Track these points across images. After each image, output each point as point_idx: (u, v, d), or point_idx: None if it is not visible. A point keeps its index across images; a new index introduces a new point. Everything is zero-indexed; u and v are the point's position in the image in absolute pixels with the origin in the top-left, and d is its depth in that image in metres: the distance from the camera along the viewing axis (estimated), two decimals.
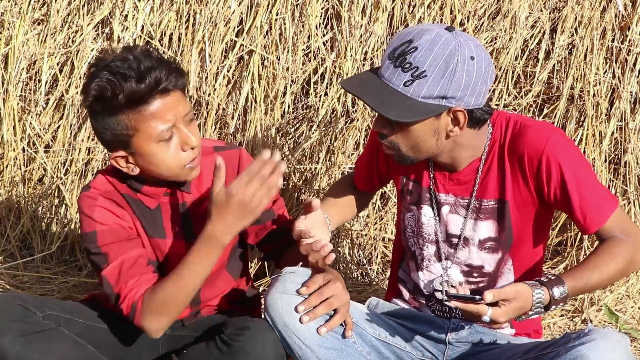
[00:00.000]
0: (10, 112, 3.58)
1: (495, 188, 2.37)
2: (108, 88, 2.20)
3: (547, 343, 2.27)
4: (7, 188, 3.65)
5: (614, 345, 2.04)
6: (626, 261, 2.28)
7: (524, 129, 2.33)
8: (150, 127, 2.25)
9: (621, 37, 3.48)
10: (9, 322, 2.25)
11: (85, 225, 2.37)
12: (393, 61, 2.21)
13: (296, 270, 2.37)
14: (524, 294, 2.15)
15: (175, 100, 2.28)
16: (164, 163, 2.30)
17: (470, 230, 2.43)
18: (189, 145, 2.30)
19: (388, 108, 2.21)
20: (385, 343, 2.45)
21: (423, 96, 2.20)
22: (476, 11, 3.52)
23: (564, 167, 2.28)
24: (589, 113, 3.44)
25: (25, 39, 3.60)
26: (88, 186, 2.41)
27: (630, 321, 3.33)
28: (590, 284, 2.26)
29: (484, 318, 2.12)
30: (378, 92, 2.23)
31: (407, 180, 2.53)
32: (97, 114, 2.28)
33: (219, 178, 2.23)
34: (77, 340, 2.34)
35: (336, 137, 3.54)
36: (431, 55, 2.17)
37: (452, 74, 2.18)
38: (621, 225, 2.32)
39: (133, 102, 2.22)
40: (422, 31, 2.21)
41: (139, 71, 2.21)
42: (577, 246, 3.50)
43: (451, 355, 2.47)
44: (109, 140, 2.30)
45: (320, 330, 2.28)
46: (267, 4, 3.48)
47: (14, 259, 3.56)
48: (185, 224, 2.45)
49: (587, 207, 2.30)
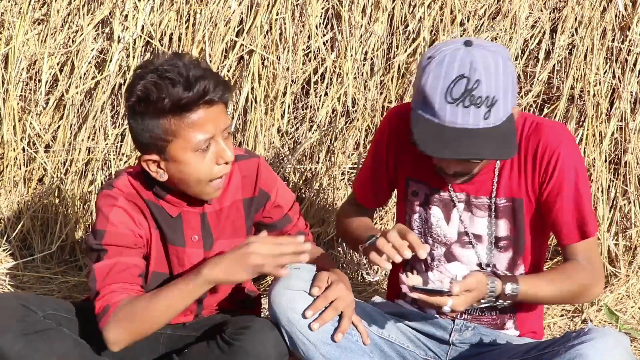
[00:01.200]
0: (10, 112, 3.57)
1: (510, 187, 2.37)
2: (154, 90, 2.19)
3: (547, 342, 2.27)
4: (7, 188, 3.65)
5: (613, 344, 2.04)
6: (580, 287, 2.34)
7: (541, 127, 2.34)
8: (189, 136, 2.23)
9: (621, 37, 3.48)
10: (9, 321, 2.25)
11: (98, 222, 2.36)
12: (457, 102, 2.13)
13: (300, 267, 2.38)
14: (481, 283, 2.22)
15: (218, 113, 2.27)
16: (196, 173, 2.28)
17: (484, 229, 2.42)
18: (224, 160, 2.29)
19: (500, 151, 2.18)
20: (389, 342, 2.45)
21: (502, 117, 2.17)
22: (476, 11, 3.52)
23: (569, 173, 2.31)
24: (589, 113, 3.44)
25: (25, 39, 3.60)
26: (111, 185, 2.39)
27: (630, 321, 3.33)
28: (540, 295, 2.32)
29: (444, 308, 2.16)
30: (472, 141, 2.15)
31: (413, 182, 2.50)
32: (137, 114, 2.26)
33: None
34: (77, 340, 2.34)
35: (336, 137, 3.54)
36: (494, 80, 2.13)
37: (513, 83, 2.19)
38: (589, 253, 2.37)
39: (178, 108, 2.20)
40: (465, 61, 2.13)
41: (187, 78, 2.20)
42: None
43: (453, 356, 2.47)
44: (144, 142, 2.28)
45: (336, 338, 2.30)
46: (267, 4, 3.48)
47: (14, 259, 3.56)
48: (205, 234, 2.45)
49: (572, 218, 2.34)
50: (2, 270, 3.49)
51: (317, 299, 2.29)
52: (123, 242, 2.34)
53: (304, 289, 2.32)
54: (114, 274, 2.30)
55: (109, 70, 3.53)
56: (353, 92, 3.50)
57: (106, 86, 3.54)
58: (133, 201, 2.38)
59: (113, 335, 2.24)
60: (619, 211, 3.49)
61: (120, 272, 2.31)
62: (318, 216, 3.59)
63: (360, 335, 2.36)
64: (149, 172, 2.32)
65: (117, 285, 2.29)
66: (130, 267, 2.33)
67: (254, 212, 2.52)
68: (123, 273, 2.31)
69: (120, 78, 3.55)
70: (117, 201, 2.36)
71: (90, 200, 3.59)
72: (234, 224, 2.49)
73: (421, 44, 3.50)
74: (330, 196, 3.57)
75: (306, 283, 2.34)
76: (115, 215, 2.34)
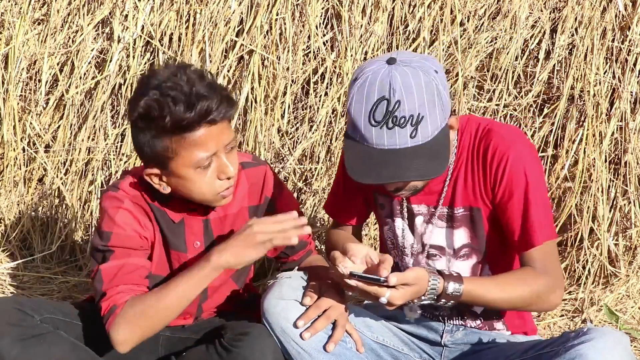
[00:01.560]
0: (10, 112, 3.58)
1: (465, 195, 2.35)
2: (156, 108, 2.17)
3: (546, 342, 2.26)
4: (7, 188, 3.65)
5: (613, 345, 2.03)
6: (532, 293, 2.25)
7: (491, 132, 2.31)
8: (190, 154, 2.22)
9: (621, 37, 3.48)
10: (6, 327, 2.25)
11: (104, 224, 2.35)
12: (380, 125, 2.12)
13: (292, 275, 2.37)
14: (422, 279, 2.15)
15: (221, 130, 2.25)
16: (198, 189, 2.28)
17: (444, 240, 2.41)
18: (226, 175, 2.28)
19: (427, 169, 2.14)
20: (384, 346, 2.45)
21: (431, 133, 2.15)
22: (476, 11, 3.51)
23: (518, 177, 2.26)
24: (589, 113, 3.44)
25: (25, 39, 3.60)
26: (116, 186, 2.38)
27: (631, 321, 3.33)
28: (488, 297, 2.23)
29: (381, 299, 2.11)
30: (398, 162, 2.13)
31: (378, 195, 2.50)
32: (139, 130, 2.24)
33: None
34: (75, 343, 2.33)
35: (336, 137, 3.54)
36: (416, 97, 2.11)
37: (439, 97, 2.15)
38: (545, 260, 2.28)
39: (178, 128, 2.18)
40: (384, 81, 2.12)
41: (189, 97, 2.17)
42: (577, 246, 3.49)
43: (449, 357, 2.47)
44: (147, 155, 2.27)
45: (328, 348, 2.28)
46: (267, 4, 3.48)
47: (14, 259, 3.56)
48: (207, 240, 2.45)
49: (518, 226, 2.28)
50: (2, 270, 3.50)
51: (309, 308, 2.28)
52: (130, 244, 2.34)
53: (297, 298, 2.30)
54: (121, 275, 2.30)
55: (109, 70, 3.53)
56: None
57: (106, 86, 3.54)
58: (138, 203, 2.38)
59: (122, 336, 2.24)
60: (619, 211, 3.49)
61: (128, 274, 2.31)
62: (318, 216, 3.59)
63: (355, 343, 2.34)
64: (151, 184, 2.31)
65: (125, 287, 2.29)
66: (138, 268, 2.33)
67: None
68: (131, 274, 2.32)
69: (120, 78, 3.55)
70: (123, 203, 2.35)
71: (90, 200, 3.59)
72: None
73: (421, 44, 3.50)
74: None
75: (298, 292, 2.32)
76: (121, 217, 2.34)
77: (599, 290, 3.46)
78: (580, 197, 3.47)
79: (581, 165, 3.43)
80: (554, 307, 2.33)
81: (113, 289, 2.28)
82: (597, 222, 3.46)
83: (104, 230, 2.34)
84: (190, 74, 2.21)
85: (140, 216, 2.37)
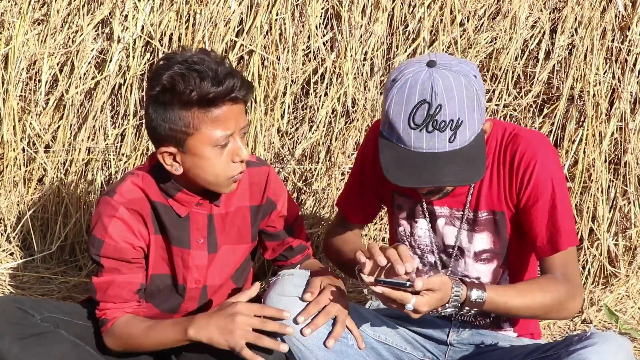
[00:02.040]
0: (10, 112, 3.57)
1: (490, 199, 2.35)
2: (181, 82, 2.18)
3: (548, 345, 2.27)
4: (7, 188, 3.65)
5: (616, 350, 2.04)
6: (554, 301, 2.23)
7: (518, 137, 2.31)
8: (211, 130, 2.23)
9: (621, 37, 3.48)
10: (7, 325, 2.26)
11: (96, 230, 2.37)
12: (420, 128, 2.10)
13: (294, 273, 2.38)
14: (446, 285, 2.14)
15: (240, 111, 2.27)
16: (212, 169, 2.28)
17: (466, 242, 2.41)
18: (240, 157, 2.29)
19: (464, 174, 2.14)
20: (385, 344, 2.45)
21: (469, 138, 2.14)
22: (476, 11, 3.51)
23: (545, 183, 2.27)
24: (589, 113, 3.44)
25: (25, 39, 3.60)
26: (113, 191, 2.38)
27: (630, 321, 3.33)
28: (510, 305, 2.21)
29: (407, 306, 2.11)
30: (435, 167, 2.12)
31: (397, 195, 2.50)
32: (160, 105, 2.24)
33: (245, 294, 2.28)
34: (75, 342, 2.34)
35: (336, 137, 3.54)
36: (457, 102, 2.10)
37: (478, 103, 2.15)
38: (566, 268, 2.28)
39: (204, 102, 2.20)
40: (425, 84, 2.10)
41: (216, 73, 2.19)
42: (577, 246, 3.49)
43: (452, 357, 2.47)
44: (162, 133, 2.26)
45: (328, 344, 2.28)
46: (267, 4, 3.48)
47: (14, 259, 3.56)
48: (210, 236, 2.46)
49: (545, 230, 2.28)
50: (2, 270, 3.50)
51: (309, 304, 2.29)
52: (121, 256, 2.36)
53: (298, 295, 2.31)
54: (110, 293, 2.38)
55: (108, 70, 3.53)
56: (353, 92, 3.50)
57: (106, 86, 3.54)
58: (134, 209, 2.37)
59: (110, 345, 2.41)
60: (619, 211, 3.49)
61: (116, 291, 2.38)
62: (318, 216, 3.59)
63: (356, 340, 2.35)
64: (163, 164, 2.31)
65: (113, 304, 2.39)
66: (128, 284, 2.38)
67: (259, 219, 2.53)
68: (120, 291, 2.38)
69: (120, 78, 3.55)
70: (117, 212, 2.35)
71: (90, 200, 3.59)
72: (240, 230, 2.50)
73: (421, 44, 3.50)
74: (330, 196, 3.57)
75: (300, 289, 2.33)
76: (114, 228, 2.35)
77: (598, 291, 3.47)
78: (580, 197, 3.47)
79: (581, 166, 3.44)
80: (573, 314, 2.31)
81: (104, 304, 2.39)
82: (596, 222, 3.46)
83: (96, 236, 2.36)
84: (213, 55, 2.24)
85: (134, 223, 2.37)
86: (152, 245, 2.41)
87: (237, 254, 2.52)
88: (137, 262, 2.39)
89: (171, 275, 2.46)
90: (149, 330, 2.33)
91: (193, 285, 2.47)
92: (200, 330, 2.23)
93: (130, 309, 2.39)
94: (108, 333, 2.38)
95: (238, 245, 2.49)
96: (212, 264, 2.47)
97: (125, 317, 2.37)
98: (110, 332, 2.37)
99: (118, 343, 2.38)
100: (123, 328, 2.36)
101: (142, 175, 2.40)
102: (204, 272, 2.46)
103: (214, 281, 2.49)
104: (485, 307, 2.19)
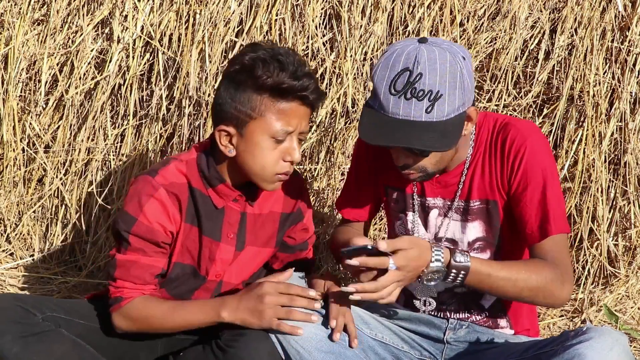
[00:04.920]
0: (10, 113, 3.58)
1: (482, 188, 2.37)
2: (261, 66, 2.25)
3: (545, 342, 2.26)
4: (7, 188, 3.65)
5: (611, 344, 2.03)
6: (540, 283, 2.22)
7: (509, 125, 2.34)
8: (273, 120, 2.28)
9: (621, 37, 3.48)
10: (8, 324, 2.26)
11: (130, 206, 2.36)
12: (399, 94, 2.17)
13: (291, 278, 2.38)
14: (420, 245, 2.17)
15: (306, 114, 2.33)
16: (262, 160, 2.32)
17: (459, 233, 2.43)
18: (291, 158, 2.33)
19: (434, 143, 2.17)
20: (383, 343, 2.45)
21: (447, 114, 2.18)
22: (476, 11, 3.52)
23: (535, 169, 2.29)
24: (588, 113, 3.44)
25: (25, 39, 3.60)
26: (155, 171, 2.39)
27: (630, 321, 3.33)
28: (494, 277, 2.22)
29: (390, 266, 2.13)
30: (409, 131, 2.17)
31: (391, 189, 2.53)
32: (233, 83, 2.30)
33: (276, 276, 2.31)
34: (76, 341, 2.34)
35: (336, 137, 3.54)
36: (438, 74, 2.15)
37: (462, 81, 2.18)
38: (557, 253, 2.28)
39: (276, 90, 2.26)
40: (411, 55, 2.17)
41: (295, 69, 2.26)
42: (577, 246, 3.50)
43: (449, 355, 2.47)
44: (227, 111, 2.31)
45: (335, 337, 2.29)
46: (267, 4, 3.48)
47: (14, 259, 3.56)
48: (239, 233, 2.47)
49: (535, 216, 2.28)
50: (2, 270, 3.50)
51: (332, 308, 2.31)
52: (151, 238, 2.37)
53: None
54: (132, 272, 2.37)
55: (108, 70, 3.53)
56: (353, 93, 3.50)
57: (106, 86, 3.54)
58: (174, 192, 2.38)
59: (122, 326, 2.38)
60: (619, 211, 3.49)
61: (138, 271, 2.37)
62: (318, 216, 3.59)
63: (349, 337, 2.33)
64: (218, 143, 2.34)
65: (132, 285, 2.37)
66: (150, 267, 2.39)
67: (287, 227, 2.56)
68: (141, 273, 2.38)
69: (119, 78, 3.55)
70: (157, 192, 2.36)
71: (90, 200, 3.59)
72: (268, 234, 2.52)
73: None
74: (330, 196, 3.57)
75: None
76: (150, 208, 2.35)
77: (598, 291, 3.47)
78: (580, 197, 3.47)
79: (581, 166, 3.44)
80: (562, 301, 2.29)
81: (123, 281, 2.37)
82: (596, 222, 3.46)
83: (129, 213, 2.36)
84: (299, 56, 2.31)
85: (170, 207, 2.38)
86: (182, 233, 2.43)
87: (260, 257, 2.54)
88: (164, 246, 2.40)
89: (193, 266, 2.48)
90: (173, 311, 2.35)
91: (213, 278, 2.49)
92: (233, 312, 2.27)
93: (148, 291, 2.39)
94: (120, 312, 2.37)
95: (263, 248, 2.51)
96: (235, 261, 2.49)
97: (143, 298, 2.37)
98: (122, 312, 2.36)
99: (130, 323, 2.37)
100: (141, 309, 2.36)
101: (186, 162, 2.42)
102: (226, 268, 2.49)
103: (231, 279, 2.49)
104: (469, 279, 2.20)
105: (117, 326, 2.39)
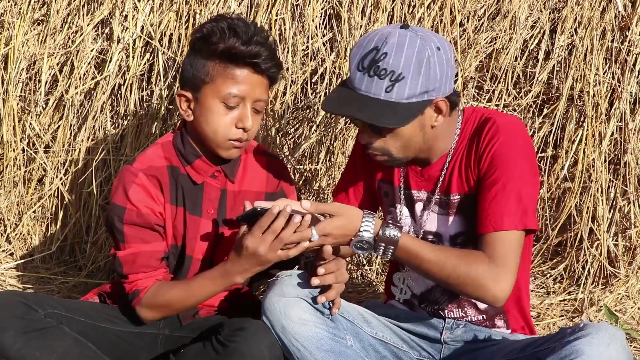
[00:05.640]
0: (10, 113, 3.58)
1: (460, 182, 2.37)
2: (217, 34, 2.36)
3: (543, 339, 2.26)
4: (7, 188, 3.66)
5: (609, 340, 2.03)
6: (468, 274, 2.19)
7: (487, 120, 2.35)
8: (224, 85, 2.38)
9: (621, 37, 3.48)
10: (10, 319, 2.27)
11: (117, 197, 2.44)
12: (365, 71, 2.23)
13: (292, 274, 2.38)
14: (351, 215, 2.21)
15: (260, 83, 2.42)
16: (213, 124, 2.41)
17: (442, 227, 2.42)
18: (242, 124, 2.41)
19: (380, 118, 2.22)
20: (383, 342, 2.45)
21: (407, 97, 2.22)
22: (476, 11, 3.52)
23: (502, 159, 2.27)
24: (588, 113, 3.44)
25: (25, 39, 3.60)
26: (133, 159, 2.49)
27: (630, 321, 3.33)
28: (421, 257, 2.21)
29: (312, 238, 2.19)
30: (363, 105, 2.23)
31: (382, 183, 2.55)
32: (193, 50, 2.44)
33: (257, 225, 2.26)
34: (78, 339, 2.35)
35: (336, 137, 3.54)
36: (403, 57, 2.20)
37: (427, 68, 2.21)
38: (499, 248, 2.22)
39: (225, 56, 2.37)
40: (384, 36, 2.23)
41: (249, 37, 2.35)
42: (577, 247, 3.50)
43: (448, 354, 2.47)
44: (186, 77, 2.44)
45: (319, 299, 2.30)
46: (267, 4, 3.48)
47: (14, 259, 3.56)
48: (220, 209, 2.53)
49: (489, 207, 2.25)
50: (2, 270, 3.50)
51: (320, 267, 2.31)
52: (144, 222, 2.43)
53: (298, 296, 2.32)
54: (138, 263, 2.43)
55: (108, 70, 3.53)
56: None
57: (106, 86, 3.54)
58: (153, 175, 2.46)
59: (148, 317, 2.44)
60: (619, 211, 3.49)
61: (143, 260, 2.43)
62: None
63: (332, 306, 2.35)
64: (179, 108, 2.44)
65: (143, 274, 2.43)
66: (153, 253, 2.45)
67: None
68: (146, 261, 2.43)
69: (119, 78, 3.55)
70: (137, 177, 2.44)
71: (90, 200, 3.59)
72: None
73: None
74: (330, 196, 3.57)
75: (299, 289, 2.34)
76: (134, 193, 2.43)
77: (598, 291, 3.47)
78: (580, 197, 3.47)
79: (581, 166, 3.44)
80: (495, 299, 2.21)
81: (134, 275, 2.43)
82: (596, 222, 3.46)
83: (117, 203, 2.43)
84: (259, 29, 2.41)
85: (152, 189, 2.46)
86: (169, 216, 2.49)
87: None
88: (158, 229, 2.46)
89: (179, 246, 2.52)
90: (188, 291, 2.40)
91: (200, 256, 2.52)
92: (244, 273, 2.32)
93: (161, 276, 2.45)
94: (142, 304, 2.42)
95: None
96: (224, 241, 2.53)
97: (157, 285, 2.42)
98: (144, 303, 2.42)
99: (155, 312, 2.43)
100: (158, 297, 2.41)
101: (162, 143, 2.53)
102: (212, 246, 2.53)
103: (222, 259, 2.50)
104: (398, 254, 2.21)
105: (144, 318, 2.44)
